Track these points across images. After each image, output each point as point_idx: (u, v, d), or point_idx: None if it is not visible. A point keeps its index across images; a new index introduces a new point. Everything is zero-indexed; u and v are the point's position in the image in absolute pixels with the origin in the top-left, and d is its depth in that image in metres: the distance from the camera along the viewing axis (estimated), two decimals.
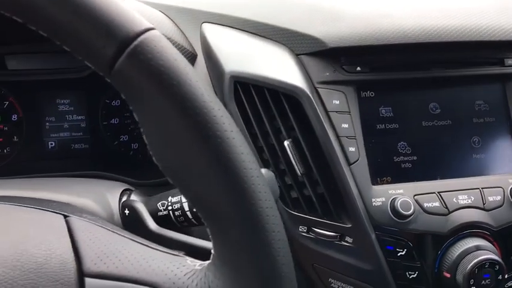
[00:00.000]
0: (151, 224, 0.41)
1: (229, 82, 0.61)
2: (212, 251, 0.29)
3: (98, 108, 0.79)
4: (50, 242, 0.32)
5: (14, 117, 0.76)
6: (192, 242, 0.37)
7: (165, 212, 0.45)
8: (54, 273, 0.29)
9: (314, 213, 0.59)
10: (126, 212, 0.44)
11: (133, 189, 0.54)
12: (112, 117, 0.79)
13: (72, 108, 0.78)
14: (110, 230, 0.35)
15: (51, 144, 0.78)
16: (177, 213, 0.45)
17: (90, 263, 0.30)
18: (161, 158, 0.27)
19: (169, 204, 0.45)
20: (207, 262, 0.30)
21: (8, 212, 0.36)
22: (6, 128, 0.76)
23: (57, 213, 0.37)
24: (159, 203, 0.46)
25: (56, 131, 0.78)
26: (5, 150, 0.76)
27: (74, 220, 0.35)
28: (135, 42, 0.25)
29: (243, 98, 0.60)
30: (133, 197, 0.48)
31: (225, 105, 0.63)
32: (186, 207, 0.44)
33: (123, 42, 0.25)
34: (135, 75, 0.25)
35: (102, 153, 0.80)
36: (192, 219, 0.44)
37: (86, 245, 0.32)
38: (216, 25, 0.72)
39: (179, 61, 0.26)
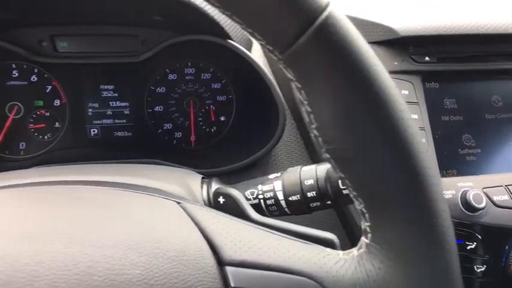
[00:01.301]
0: (253, 213, 0.39)
1: None
2: (366, 239, 0.28)
3: (143, 95, 0.76)
4: (180, 229, 0.30)
5: (57, 102, 0.73)
6: (306, 231, 0.35)
7: (255, 201, 0.44)
8: (195, 262, 0.27)
9: None
10: (221, 200, 0.42)
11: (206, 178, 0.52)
12: (156, 105, 0.77)
13: (116, 95, 0.75)
14: (228, 217, 0.34)
15: (94, 131, 0.76)
16: (269, 202, 0.43)
17: (230, 251, 0.28)
18: (331, 139, 0.25)
19: (260, 192, 0.44)
20: (358, 251, 0.28)
21: (121, 197, 0.34)
22: (48, 114, 0.73)
23: (168, 199, 0.35)
24: (247, 192, 0.44)
25: (98, 117, 0.75)
26: (46, 137, 0.74)
27: (189, 206, 0.34)
28: (321, 18, 0.23)
29: None
30: (214, 185, 0.47)
31: (293, 93, 0.61)
32: (280, 196, 0.43)
33: (309, 19, 0.23)
34: (317, 52, 0.24)
35: (145, 142, 0.77)
36: (286, 209, 0.43)
37: (216, 233, 0.30)
38: None
39: (361, 39, 0.25)
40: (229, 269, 0.27)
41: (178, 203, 0.34)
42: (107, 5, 0.58)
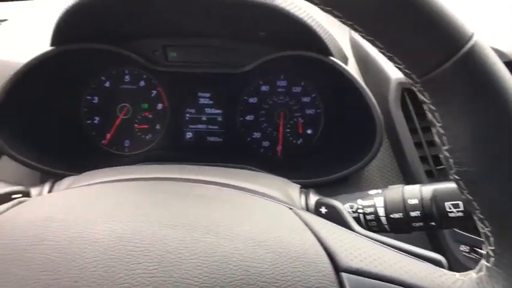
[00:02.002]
0: (356, 226, 0.40)
1: (396, 89, 0.59)
2: (487, 263, 0.28)
3: (236, 104, 0.81)
4: (297, 232, 0.32)
5: (160, 106, 0.80)
6: (414, 250, 0.35)
7: (354, 215, 0.45)
8: (314, 264, 0.29)
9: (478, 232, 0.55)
10: (323, 210, 0.44)
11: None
12: (248, 114, 0.81)
13: (212, 102, 0.81)
14: (337, 226, 0.35)
15: (189, 135, 0.81)
16: (369, 217, 0.44)
17: (346, 258, 0.30)
18: (464, 161, 0.26)
19: (360, 207, 0.45)
20: (478, 273, 0.28)
21: (241, 197, 0.37)
22: (151, 116, 0.80)
23: (281, 204, 0.37)
24: (346, 205, 0.45)
25: (194, 122, 0.81)
26: (147, 137, 0.81)
27: (301, 212, 0.36)
28: (467, 47, 0.24)
29: (410, 106, 0.59)
30: (312, 195, 0.48)
31: (390, 111, 0.61)
32: (381, 212, 0.43)
33: (455, 48, 0.24)
34: (460, 79, 0.25)
35: (234, 148, 0.82)
36: (386, 226, 0.43)
37: (331, 239, 0.31)
38: None
39: (504, 68, 0.25)
40: (345, 275, 0.29)
41: (290, 208, 0.36)
42: (215, 20, 0.63)
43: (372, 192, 0.45)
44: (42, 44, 0.64)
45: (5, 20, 0.80)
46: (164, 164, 0.53)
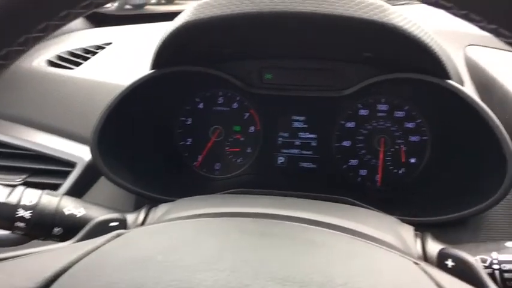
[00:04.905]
0: (494, 287, 0.33)
1: None
2: None
3: (332, 128, 0.75)
4: None
5: (252, 129, 0.78)
6: None
7: (487, 270, 0.37)
8: None
9: None
10: (449, 263, 0.37)
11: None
12: (345, 140, 0.75)
13: (306, 126, 0.76)
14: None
15: (281, 159, 0.78)
16: (507, 275, 0.36)
17: None
18: None
19: (496, 262, 0.36)
20: None
21: (352, 246, 0.32)
22: (243, 139, 0.78)
23: (405, 257, 0.31)
24: (477, 257, 0.37)
25: (287, 147, 0.78)
26: (238, 160, 0.79)
27: (430, 270, 0.29)
28: None
29: None
30: (431, 242, 0.41)
31: None
32: None
33: None
34: None
35: (328, 175, 0.76)
36: None
37: None
38: (484, 47, 0.61)
39: None
40: None
41: (416, 263, 0.30)
42: (318, 42, 0.59)
43: (510, 244, 0.37)
44: (142, 67, 0.66)
45: (110, 43, 0.85)
46: (262, 197, 0.49)
